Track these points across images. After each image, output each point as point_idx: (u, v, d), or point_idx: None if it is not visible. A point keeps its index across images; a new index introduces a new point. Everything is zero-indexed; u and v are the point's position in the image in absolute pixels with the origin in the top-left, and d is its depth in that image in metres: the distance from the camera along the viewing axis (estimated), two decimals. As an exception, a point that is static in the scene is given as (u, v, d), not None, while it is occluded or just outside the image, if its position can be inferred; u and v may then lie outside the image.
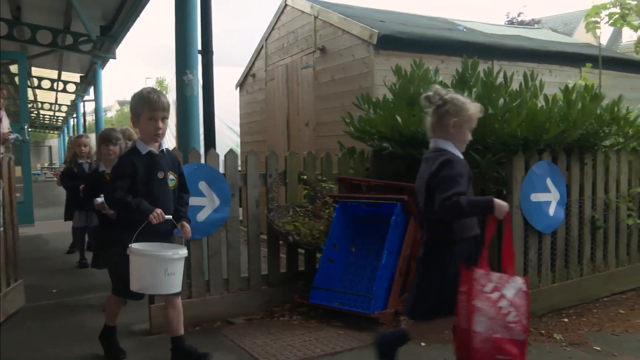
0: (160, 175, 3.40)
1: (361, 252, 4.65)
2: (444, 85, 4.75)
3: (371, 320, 4.13)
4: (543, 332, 4.05)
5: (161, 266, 3.14)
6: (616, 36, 34.66)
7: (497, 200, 2.85)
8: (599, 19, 6.53)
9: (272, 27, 8.34)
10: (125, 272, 3.24)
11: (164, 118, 3.41)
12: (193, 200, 4.14)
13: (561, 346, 3.80)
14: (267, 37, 8.51)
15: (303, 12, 7.40)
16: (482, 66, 4.88)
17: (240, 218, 4.63)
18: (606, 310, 4.57)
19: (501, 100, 4.22)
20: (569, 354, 3.66)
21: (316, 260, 4.78)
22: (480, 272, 2.80)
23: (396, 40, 6.00)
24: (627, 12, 6.71)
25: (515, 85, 4.59)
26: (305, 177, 4.80)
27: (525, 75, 4.58)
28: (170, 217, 3.35)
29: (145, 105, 3.35)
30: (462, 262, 2.90)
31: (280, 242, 4.71)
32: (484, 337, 2.75)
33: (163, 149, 3.48)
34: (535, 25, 22.60)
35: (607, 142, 4.99)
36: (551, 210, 4.42)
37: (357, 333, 4.04)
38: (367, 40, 5.97)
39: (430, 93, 3.05)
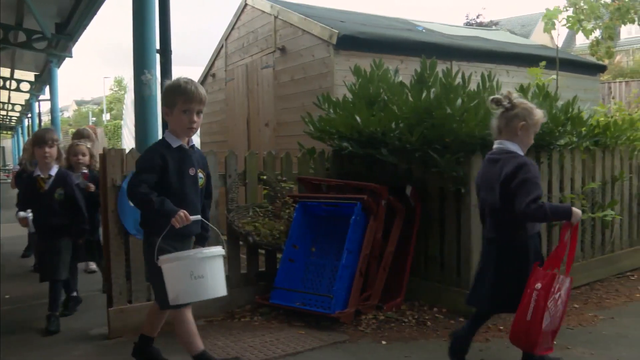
0: (192, 171, 3.18)
1: (322, 251, 4.65)
2: (402, 85, 4.79)
3: (332, 320, 4.14)
4: (501, 327, 4.11)
5: (185, 269, 2.84)
6: (571, 38, 35.52)
7: (574, 208, 3.06)
8: (557, 20, 6.69)
9: (232, 27, 8.28)
10: (158, 280, 3.02)
11: (200, 112, 3.16)
12: (151, 202, 4.09)
13: (519, 341, 3.86)
14: (227, 37, 8.44)
15: (263, 11, 7.37)
16: (441, 66, 4.93)
17: (201, 219, 4.58)
18: (562, 305, 4.67)
19: (459, 101, 4.27)
20: (527, 349, 3.74)
21: (277, 261, 4.77)
22: (560, 277, 3.03)
23: (356, 40, 6.03)
24: (582, 16, 6.90)
25: (473, 86, 4.65)
26: (265, 177, 4.78)
27: (482, 76, 4.64)
28: (199, 216, 3.10)
29: (181, 96, 3.09)
30: (532, 256, 3.14)
31: (241, 242, 4.68)
32: (545, 331, 3.01)
33: (193, 144, 3.27)
34: (494, 27, 22.99)
35: (562, 142, 5.09)
36: (508, 209, 4.50)
37: (318, 333, 4.04)
38: (327, 41, 5.98)
39: (498, 96, 3.22)
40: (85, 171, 4.94)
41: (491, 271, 3.20)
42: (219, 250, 2.95)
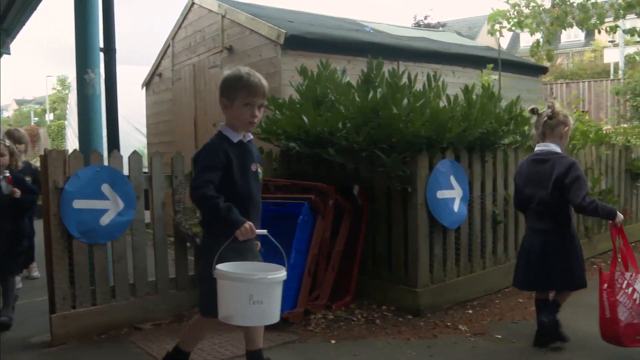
0: (253, 167, 2.98)
1: (270, 251, 4.62)
2: (349, 85, 4.82)
3: (281, 320, 4.10)
4: (449, 324, 4.19)
5: (244, 292, 2.57)
6: (515, 40, 36.46)
7: (618, 212, 3.60)
8: (501, 23, 6.90)
9: (179, 26, 8.17)
10: (209, 288, 2.75)
11: (261, 105, 2.96)
12: (96, 204, 4.01)
13: (466, 337, 3.95)
14: (173, 36, 8.32)
15: (210, 10, 7.29)
16: (388, 67, 4.98)
17: (148, 221, 4.50)
18: (507, 300, 4.78)
19: (405, 101, 4.31)
20: (473, 344, 3.82)
21: (225, 262, 4.71)
22: (618, 274, 3.46)
23: (303, 40, 6.03)
24: (522, 19, 7.13)
25: (419, 86, 4.71)
26: (212, 178, 4.72)
27: (428, 76, 4.70)
28: (265, 231, 2.83)
29: (243, 88, 2.88)
30: (577, 242, 3.73)
31: (188, 244, 4.62)
32: (626, 323, 3.38)
33: (251, 139, 3.05)
34: (441, 28, 23.35)
35: (505, 141, 5.21)
36: (455, 207, 4.57)
37: (267, 333, 3.96)
38: (274, 40, 5.96)
39: (536, 106, 3.82)
40: (8, 174, 4.46)
41: (538, 255, 3.67)
42: (283, 275, 2.68)
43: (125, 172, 4.27)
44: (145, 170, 4.47)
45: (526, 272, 3.73)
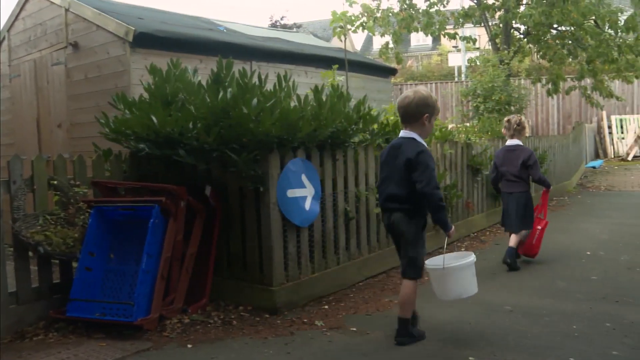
0: None
1: (121, 257, 4.45)
2: (199, 85, 4.75)
3: (135, 328, 3.99)
4: (305, 320, 4.26)
5: (471, 270, 3.77)
6: (369, 42, 37.90)
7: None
8: (342, 26, 7.13)
9: (16, 17, 7.59)
10: (419, 255, 3.75)
11: None
12: None
13: (322, 332, 4.03)
14: (9, 28, 7.72)
15: (52, 2, 6.86)
16: (241, 66, 4.95)
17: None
18: (361, 294, 4.95)
19: (255, 100, 4.31)
20: (329, 338, 3.91)
21: (73, 271, 4.47)
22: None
23: (154, 38, 5.87)
24: (366, 22, 7.43)
25: (270, 86, 4.74)
26: (55, 182, 4.45)
27: (278, 77, 4.74)
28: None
29: (435, 109, 3.78)
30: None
31: (31, 254, 4.32)
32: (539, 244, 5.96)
33: None
34: (296, 29, 23.72)
35: (356, 139, 5.38)
36: (307, 205, 4.65)
37: (120, 343, 3.87)
38: (122, 38, 5.74)
39: (509, 117, 6.10)
40: None
41: (514, 209, 5.82)
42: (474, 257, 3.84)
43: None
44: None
45: (505, 219, 5.96)
